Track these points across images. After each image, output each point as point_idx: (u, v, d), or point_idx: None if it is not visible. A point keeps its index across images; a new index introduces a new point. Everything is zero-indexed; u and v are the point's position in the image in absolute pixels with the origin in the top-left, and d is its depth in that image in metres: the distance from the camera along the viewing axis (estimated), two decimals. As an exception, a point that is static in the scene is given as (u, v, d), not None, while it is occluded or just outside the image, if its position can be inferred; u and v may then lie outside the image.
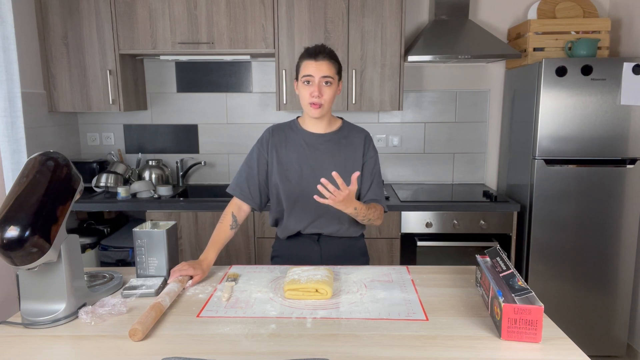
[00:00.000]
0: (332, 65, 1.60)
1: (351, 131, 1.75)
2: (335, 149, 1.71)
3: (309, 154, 1.70)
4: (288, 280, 1.43)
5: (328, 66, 1.60)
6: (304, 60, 1.62)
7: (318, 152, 1.70)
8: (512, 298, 1.18)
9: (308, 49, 1.63)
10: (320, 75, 1.59)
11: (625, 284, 2.62)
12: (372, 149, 1.75)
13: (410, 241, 2.63)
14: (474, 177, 3.20)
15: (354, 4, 2.67)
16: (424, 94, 3.11)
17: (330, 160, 1.69)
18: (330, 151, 1.70)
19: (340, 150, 1.71)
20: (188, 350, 1.13)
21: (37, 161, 1.28)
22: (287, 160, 1.71)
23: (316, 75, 1.59)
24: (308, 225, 1.74)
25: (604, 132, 2.52)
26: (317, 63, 1.59)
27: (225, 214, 1.71)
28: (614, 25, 2.84)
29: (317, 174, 1.65)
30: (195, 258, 2.66)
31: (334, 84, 1.62)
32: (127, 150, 3.20)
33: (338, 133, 1.73)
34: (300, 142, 1.71)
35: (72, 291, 1.30)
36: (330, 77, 1.60)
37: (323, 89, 1.60)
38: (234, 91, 3.13)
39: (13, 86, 2.28)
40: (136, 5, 2.67)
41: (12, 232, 1.15)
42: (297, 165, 1.70)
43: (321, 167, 1.68)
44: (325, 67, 1.59)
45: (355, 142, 1.73)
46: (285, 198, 1.72)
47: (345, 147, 1.71)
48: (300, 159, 1.70)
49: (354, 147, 1.72)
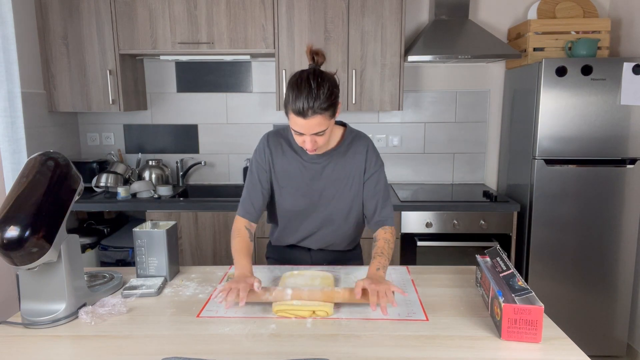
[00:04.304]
0: (324, 117, 1.35)
1: (352, 143, 1.58)
2: (335, 169, 1.57)
3: (305, 176, 1.58)
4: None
5: (320, 122, 1.35)
6: (290, 111, 1.36)
7: (316, 175, 1.58)
8: (512, 298, 1.18)
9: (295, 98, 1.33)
10: (311, 133, 1.38)
11: (625, 284, 2.62)
12: (374, 163, 1.58)
13: (410, 241, 2.63)
14: (474, 177, 3.20)
15: (354, 4, 2.67)
16: (424, 94, 3.11)
17: (329, 184, 1.58)
18: (329, 175, 1.58)
19: (341, 169, 1.57)
20: (188, 350, 1.13)
21: (37, 161, 1.28)
22: (283, 176, 1.59)
23: (307, 133, 1.38)
24: (300, 241, 1.71)
25: (604, 132, 2.52)
26: (306, 121, 1.35)
27: (238, 230, 1.57)
28: (614, 25, 2.84)
29: (314, 199, 1.59)
30: (195, 258, 2.69)
31: (329, 127, 1.41)
32: (127, 150, 3.20)
33: (338, 148, 1.57)
34: (297, 160, 1.58)
35: (72, 291, 1.30)
36: (324, 129, 1.38)
37: (316, 139, 1.41)
38: (234, 91, 3.13)
39: (13, 86, 2.28)
40: (136, 5, 2.67)
41: (12, 232, 1.15)
42: (293, 186, 1.59)
43: (319, 192, 1.59)
44: (317, 123, 1.35)
45: (356, 156, 1.57)
46: (280, 213, 1.66)
47: (345, 165, 1.57)
48: (297, 180, 1.58)
49: (355, 162, 1.57)
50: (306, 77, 1.36)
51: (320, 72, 1.40)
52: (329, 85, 1.36)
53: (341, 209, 1.61)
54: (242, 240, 1.54)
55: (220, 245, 2.67)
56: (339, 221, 1.64)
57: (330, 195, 1.59)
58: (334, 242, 1.70)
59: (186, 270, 1.67)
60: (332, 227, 1.65)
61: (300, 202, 1.60)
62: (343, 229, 1.66)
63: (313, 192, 1.59)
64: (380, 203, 1.59)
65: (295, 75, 1.39)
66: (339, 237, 1.68)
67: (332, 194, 1.59)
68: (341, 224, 1.65)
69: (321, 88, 1.34)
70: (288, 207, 1.63)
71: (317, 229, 1.66)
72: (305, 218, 1.64)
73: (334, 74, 1.45)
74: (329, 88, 1.35)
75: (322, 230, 1.66)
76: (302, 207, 1.61)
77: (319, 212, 1.62)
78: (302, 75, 1.38)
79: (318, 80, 1.35)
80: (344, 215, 1.63)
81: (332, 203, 1.60)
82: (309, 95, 1.32)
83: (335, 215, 1.62)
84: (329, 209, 1.61)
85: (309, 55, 1.46)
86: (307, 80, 1.35)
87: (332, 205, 1.61)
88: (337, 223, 1.64)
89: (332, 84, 1.39)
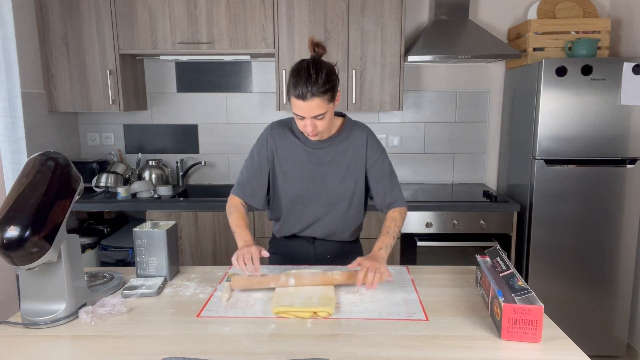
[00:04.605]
0: (323, 100, 1.45)
1: (352, 130, 1.66)
2: (337, 154, 1.64)
3: (308, 161, 1.65)
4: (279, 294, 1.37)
5: (319, 104, 1.44)
6: (292, 96, 1.46)
7: (318, 160, 1.64)
8: (512, 298, 1.18)
9: (296, 84, 1.44)
10: (311, 116, 1.47)
11: (625, 284, 2.62)
12: (375, 149, 1.66)
13: (410, 241, 2.63)
14: (474, 177, 3.20)
15: (354, 4, 2.67)
16: (424, 94, 3.11)
17: (331, 169, 1.65)
18: (330, 160, 1.64)
19: (342, 155, 1.64)
20: (188, 350, 1.13)
21: (37, 161, 1.28)
22: (286, 163, 1.66)
23: (307, 116, 1.47)
24: (304, 229, 1.74)
25: (604, 132, 2.52)
26: (306, 103, 1.44)
27: (235, 206, 1.65)
28: (614, 25, 2.84)
29: (316, 183, 1.64)
30: (196, 258, 2.69)
31: (328, 111, 1.49)
32: (127, 150, 3.20)
33: (339, 135, 1.65)
34: (300, 146, 1.65)
35: (72, 291, 1.30)
36: (322, 112, 1.47)
37: (316, 123, 1.49)
38: (234, 91, 3.13)
39: (13, 86, 2.28)
40: (136, 5, 2.67)
41: (12, 232, 1.15)
42: (297, 171, 1.65)
43: (322, 177, 1.65)
44: (316, 106, 1.44)
45: (357, 142, 1.65)
46: (284, 201, 1.70)
47: (347, 150, 1.65)
48: (300, 165, 1.65)
49: (356, 148, 1.65)
50: (306, 65, 1.47)
51: (319, 60, 1.50)
52: (326, 71, 1.47)
53: (343, 193, 1.66)
54: (239, 215, 1.63)
55: (220, 245, 2.67)
56: (342, 206, 1.68)
57: (332, 179, 1.65)
58: (337, 230, 1.73)
59: (186, 270, 1.67)
60: (335, 213, 1.69)
61: (303, 185, 1.66)
62: (346, 215, 1.70)
63: (316, 176, 1.65)
64: (388, 186, 1.66)
65: (296, 64, 1.50)
66: (342, 224, 1.72)
67: (334, 179, 1.65)
68: (344, 209, 1.69)
69: (319, 73, 1.44)
70: (292, 192, 1.67)
71: (321, 215, 1.69)
72: (309, 203, 1.67)
73: (333, 64, 1.54)
74: (326, 74, 1.46)
75: (326, 216, 1.69)
76: (306, 191, 1.66)
77: (322, 197, 1.66)
78: (302, 63, 1.49)
79: (317, 67, 1.46)
80: (347, 200, 1.67)
81: (334, 187, 1.65)
82: (308, 80, 1.43)
83: (337, 200, 1.67)
84: (332, 193, 1.66)
85: (311, 47, 1.54)
86: (306, 67, 1.46)
87: (335, 190, 1.65)
88: (341, 208, 1.68)
89: (330, 71, 1.49)
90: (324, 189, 1.65)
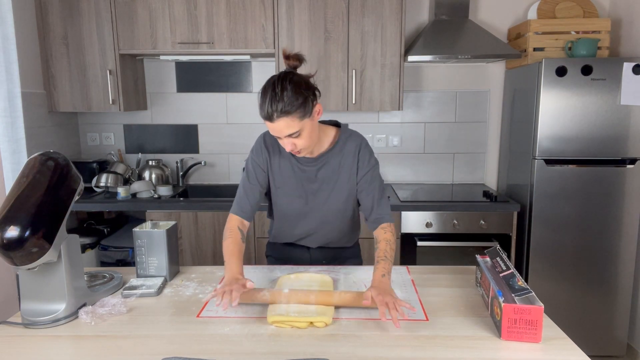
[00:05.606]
0: (292, 119, 1.34)
1: (346, 143, 1.57)
2: (329, 171, 1.57)
3: (300, 178, 1.58)
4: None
5: (288, 124, 1.34)
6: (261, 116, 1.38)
7: (311, 178, 1.58)
8: (512, 298, 1.18)
9: (261, 104, 1.35)
10: (284, 135, 1.38)
11: (625, 284, 2.62)
12: (366, 163, 1.56)
13: (410, 241, 2.63)
14: (473, 177, 3.20)
15: (354, 4, 2.67)
16: (424, 94, 3.11)
17: (324, 186, 1.58)
18: (323, 177, 1.57)
19: (335, 171, 1.57)
20: (188, 350, 1.13)
21: (37, 161, 1.28)
22: (279, 177, 1.59)
23: (280, 135, 1.39)
24: (298, 240, 1.72)
25: (604, 132, 2.52)
26: (274, 124, 1.35)
27: (231, 230, 1.53)
28: (614, 25, 2.84)
29: (309, 200, 1.60)
30: (195, 258, 2.69)
31: (304, 128, 1.38)
32: (127, 150, 3.20)
33: (332, 150, 1.56)
34: (292, 163, 1.57)
35: (72, 291, 1.30)
36: (295, 131, 1.37)
37: (294, 141, 1.40)
38: (234, 91, 3.13)
39: (13, 86, 2.28)
40: (136, 5, 2.67)
41: (12, 232, 1.15)
42: (289, 187, 1.59)
43: (314, 194, 1.59)
44: (285, 125, 1.34)
45: (349, 156, 1.56)
46: (277, 213, 1.67)
47: (340, 165, 1.57)
48: (292, 183, 1.59)
49: (348, 162, 1.56)
50: (272, 82, 1.36)
51: (287, 75, 1.38)
52: (293, 87, 1.34)
53: (336, 209, 1.62)
54: (233, 241, 1.50)
55: (220, 245, 2.67)
56: (335, 221, 1.65)
57: (325, 196, 1.60)
58: (332, 240, 1.71)
59: (186, 270, 1.67)
60: (328, 227, 1.66)
61: (295, 203, 1.61)
62: (340, 228, 1.68)
63: (308, 194, 1.60)
64: (376, 200, 1.56)
65: (266, 81, 1.39)
66: (337, 235, 1.70)
67: (326, 196, 1.60)
68: (338, 223, 1.66)
69: (285, 91, 1.33)
70: (284, 207, 1.64)
71: (314, 230, 1.67)
72: (302, 219, 1.65)
73: (308, 76, 1.42)
74: (293, 90, 1.34)
75: (319, 231, 1.67)
76: (298, 208, 1.62)
77: (314, 214, 1.63)
78: (270, 80, 1.38)
79: (283, 84, 1.34)
80: (340, 215, 1.64)
81: (327, 204, 1.61)
82: (273, 99, 1.33)
83: (330, 216, 1.63)
84: (324, 210, 1.62)
85: (284, 60, 1.44)
86: (272, 85, 1.35)
87: (327, 207, 1.61)
88: (334, 223, 1.65)
89: (297, 86, 1.35)
90: (316, 206, 1.61)
